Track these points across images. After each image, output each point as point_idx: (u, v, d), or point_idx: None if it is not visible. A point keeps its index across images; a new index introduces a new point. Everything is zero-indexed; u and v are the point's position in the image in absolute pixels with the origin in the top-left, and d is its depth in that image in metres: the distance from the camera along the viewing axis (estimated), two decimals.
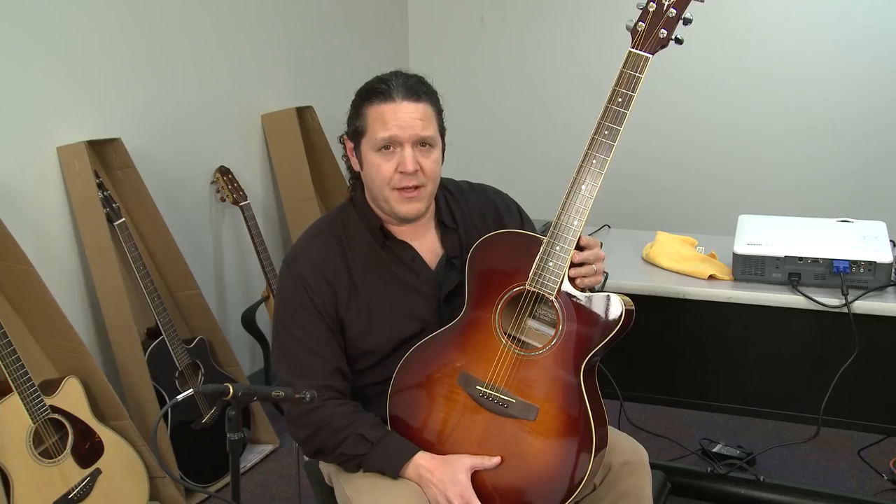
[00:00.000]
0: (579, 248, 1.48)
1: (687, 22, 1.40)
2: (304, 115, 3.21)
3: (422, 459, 1.49)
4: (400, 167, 1.51)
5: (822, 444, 2.62)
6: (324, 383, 1.52)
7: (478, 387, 1.50)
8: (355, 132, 1.55)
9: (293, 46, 3.31)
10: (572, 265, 1.48)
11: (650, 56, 1.42)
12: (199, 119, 2.88)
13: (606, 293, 1.49)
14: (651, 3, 1.41)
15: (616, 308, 1.46)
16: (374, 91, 1.52)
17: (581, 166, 1.45)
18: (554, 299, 1.47)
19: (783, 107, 3.43)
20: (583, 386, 1.47)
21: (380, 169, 1.52)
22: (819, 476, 2.57)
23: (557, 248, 1.45)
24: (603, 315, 1.47)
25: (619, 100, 1.42)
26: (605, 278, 2.03)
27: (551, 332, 1.50)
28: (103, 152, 2.51)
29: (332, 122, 1.62)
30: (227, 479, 2.38)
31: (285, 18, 3.26)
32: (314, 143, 3.23)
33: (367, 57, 3.72)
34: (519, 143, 3.97)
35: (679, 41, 1.41)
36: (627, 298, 1.50)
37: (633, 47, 1.42)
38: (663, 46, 1.43)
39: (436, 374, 1.53)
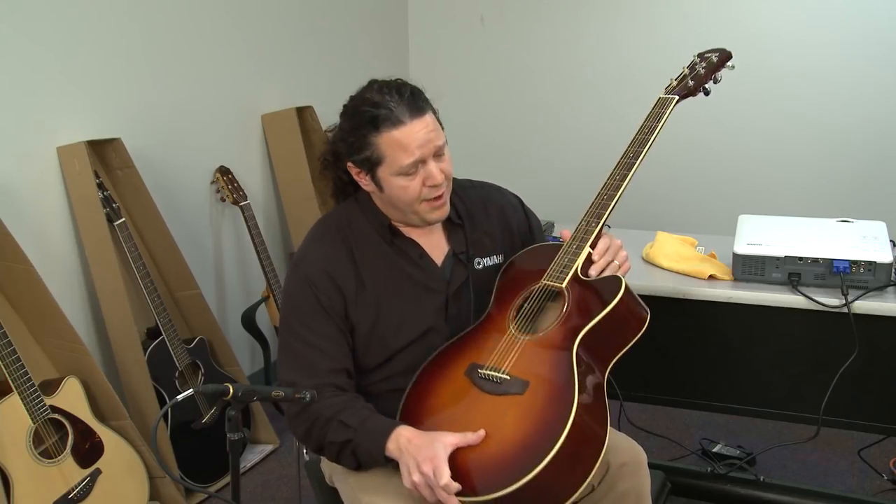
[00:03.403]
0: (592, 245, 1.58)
1: (716, 80, 1.75)
2: (304, 115, 3.21)
3: (405, 431, 1.43)
4: (429, 181, 1.51)
5: (822, 444, 2.62)
6: (329, 381, 1.51)
7: (479, 370, 1.51)
8: (367, 161, 1.51)
9: (293, 46, 3.31)
10: (592, 263, 1.57)
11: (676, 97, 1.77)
12: (199, 119, 2.88)
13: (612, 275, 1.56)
14: (686, 69, 1.81)
15: (614, 281, 1.53)
16: (378, 118, 1.48)
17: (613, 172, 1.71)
18: (564, 289, 1.53)
19: (783, 107, 3.43)
20: (574, 360, 1.43)
21: (407, 190, 1.52)
22: (819, 476, 2.57)
23: (574, 246, 1.58)
24: (602, 289, 1.53)
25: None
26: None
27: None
28: (103, 152, 2.51)
29: (332, 122, 1.61)
30: (227, 479, 2.38)
31: (285, 18, 3.25)
32: (314, 143, 3.22)
33: (367, 57, 3.72)
34: (519, 142, 3.97)
35: (707, 92, 1.76)
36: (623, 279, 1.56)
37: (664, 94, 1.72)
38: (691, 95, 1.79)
39: (448, 371, 1.54)
